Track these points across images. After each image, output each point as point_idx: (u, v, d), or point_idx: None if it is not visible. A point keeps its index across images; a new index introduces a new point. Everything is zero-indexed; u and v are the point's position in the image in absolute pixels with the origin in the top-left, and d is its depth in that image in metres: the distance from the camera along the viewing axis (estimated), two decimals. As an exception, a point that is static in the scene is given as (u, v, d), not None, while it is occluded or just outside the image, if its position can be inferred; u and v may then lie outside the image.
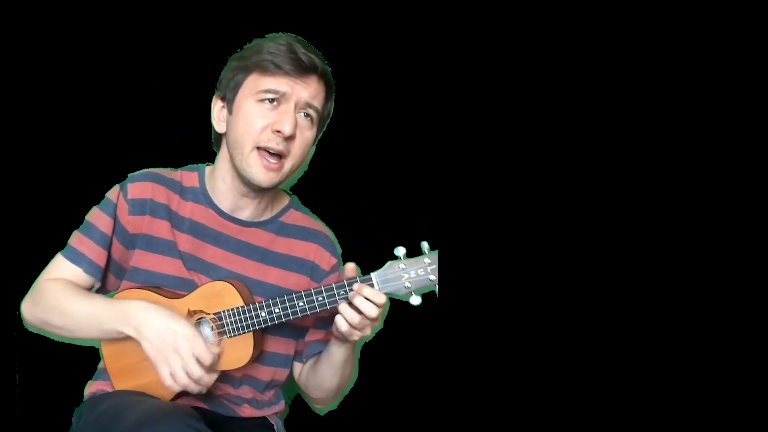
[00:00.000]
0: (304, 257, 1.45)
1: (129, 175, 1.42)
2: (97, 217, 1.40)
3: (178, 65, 1.67)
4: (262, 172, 1.33)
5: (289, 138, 1.32)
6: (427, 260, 1.26)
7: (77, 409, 1.41)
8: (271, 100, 1.32)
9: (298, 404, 1.60)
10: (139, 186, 1.39)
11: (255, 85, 1.33)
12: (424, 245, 1.26)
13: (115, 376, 1.40)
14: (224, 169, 1.41)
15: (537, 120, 1.69)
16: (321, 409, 1.58)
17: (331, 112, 1.43)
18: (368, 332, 1.29)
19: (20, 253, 1.59)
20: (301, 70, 1.31)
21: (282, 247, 1.45)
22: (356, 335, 1.29)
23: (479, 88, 1.47)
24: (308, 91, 1.33)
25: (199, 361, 1.26)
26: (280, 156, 1.33)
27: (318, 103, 1.36)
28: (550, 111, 1.61)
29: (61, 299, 1.36)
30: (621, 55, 1.65)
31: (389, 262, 1.27)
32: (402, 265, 1.26)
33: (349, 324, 1.26)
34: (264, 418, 1.46)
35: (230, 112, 1.37)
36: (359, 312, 1.26)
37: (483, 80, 1.56)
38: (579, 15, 1.54)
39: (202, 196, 1.43)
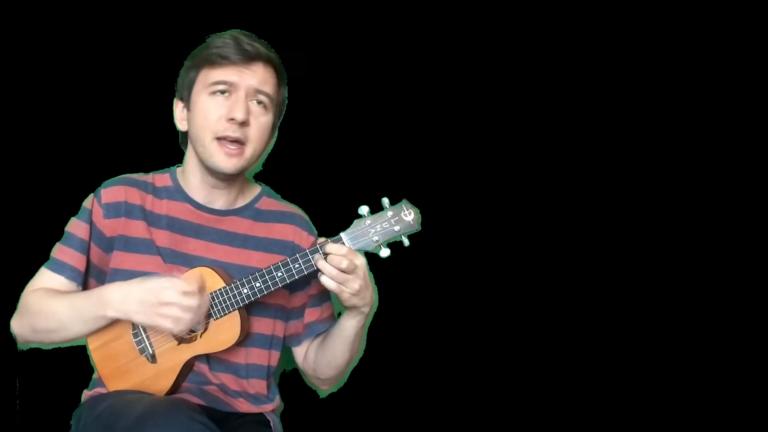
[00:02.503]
0: (283, 238, 1.52)
1: (102, 183, 1.49)
2: (75, 226, 1.47)
3: (142, 73, 1.76)
4: (224, 159, 1.41)
5: (244, 124, 1.40)
6: (389, 213, 1.34)
7: (76, 411, 1.45)
8: (223, 92, 1.41)
9: (293, 400, 1.64)
10: (112, 190, 1.47)
11: (206, 79, 1.42)
12: (385, 201, 1.35)
13: (109, 380, 1.45)
14: (193, 164, 1.49)
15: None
16: (326, 390, 1.62)
17: (286, 98, 1.51)
18: (354, 286, 1.33)
19: (12, 268, 1.65)
20: (247, 58, 1.40)
21: (262, 231, 1.51)
22: (345, 291, 1.33)
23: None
24: (256, 78, 1.42)
25: (188, 294, 1.32)
26: (239, 142, 1.41)
27: (269, 88, 1.44)
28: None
29: (42, 303, 1.42)
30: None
31: (355, 221, 1.35)
32: (368, 222, 1.34)
33: (331, 278, 1.32)
34: (261, 415, 1.49)
35: (188, 109, 1.46)
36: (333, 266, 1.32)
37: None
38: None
39: (176, 193, 1.50)
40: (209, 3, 1.77)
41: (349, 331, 1.43)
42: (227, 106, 1.41)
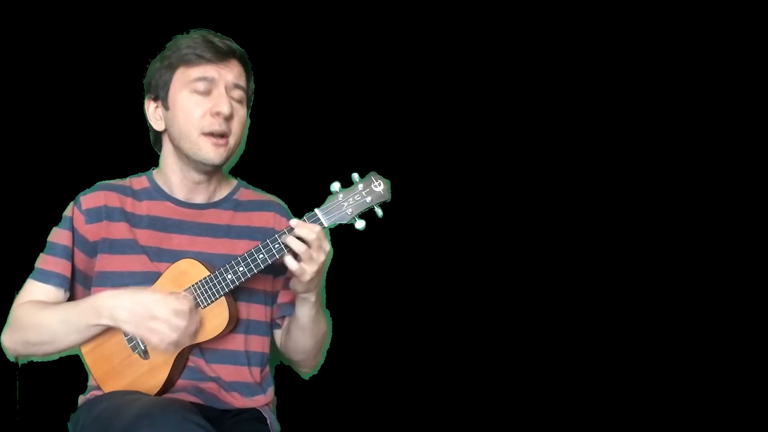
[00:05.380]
0: (264, 225, 1.58)
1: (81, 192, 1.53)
2: (56, 235, 1.51)
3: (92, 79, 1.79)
4: (212, 150, 1.47)
5: (228, 118, 1.47)
6: (360, 186, 1.41)
7: (73, 414, 1.46)
8: (203, 88, 1.46)
9: (288, 395, 1.66)
10: (92, 196, 1.51)
11: (184, 78, 1.48)
12: (355, 176, 1.41)
13: (103, 381, 1.47)
14: (172, 163, 1.54)
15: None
16: (306, 373, 1.67)
17: (254, 91, 1.58)
18: (314, 267, 1.37)
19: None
20: (222, 55, 1.47)
21: (242, 220, 1.57)
22: (306, 273, 1.37)
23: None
24: (232, 73, 1.49)
25: (178, 314, 1.36)
26: (223, 136, 1.47)
27: (243, 82, 1.51)
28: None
29: (33, 316, 1.44)
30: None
31: (328, 197, 1.41)
32: (340, 196, 1.40)
33: (299, 253, 1.36)
34: (257, 411, 1.52)
35: (166, 108, 1.51)
36: (302, 241, 1.37)
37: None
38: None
39: (155, 193, 1.55)
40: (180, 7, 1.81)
41: (303, 319, 1.49)
42: (209, 102, 1.46)
